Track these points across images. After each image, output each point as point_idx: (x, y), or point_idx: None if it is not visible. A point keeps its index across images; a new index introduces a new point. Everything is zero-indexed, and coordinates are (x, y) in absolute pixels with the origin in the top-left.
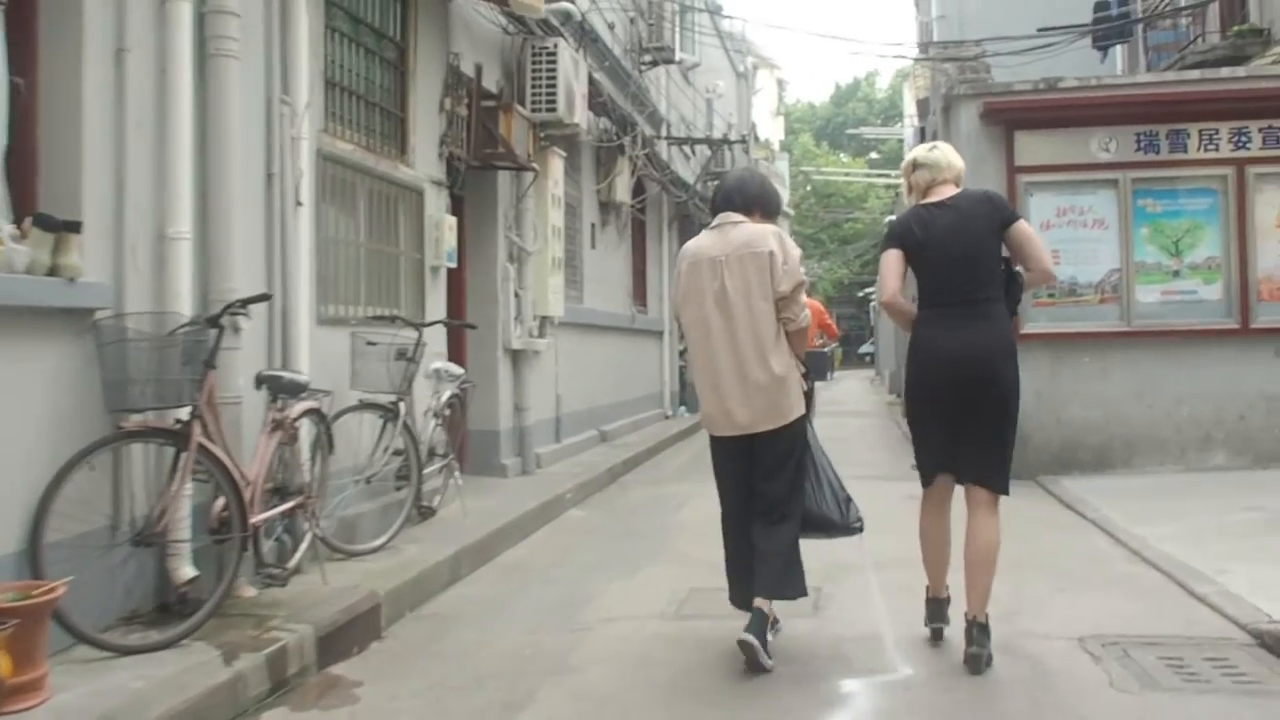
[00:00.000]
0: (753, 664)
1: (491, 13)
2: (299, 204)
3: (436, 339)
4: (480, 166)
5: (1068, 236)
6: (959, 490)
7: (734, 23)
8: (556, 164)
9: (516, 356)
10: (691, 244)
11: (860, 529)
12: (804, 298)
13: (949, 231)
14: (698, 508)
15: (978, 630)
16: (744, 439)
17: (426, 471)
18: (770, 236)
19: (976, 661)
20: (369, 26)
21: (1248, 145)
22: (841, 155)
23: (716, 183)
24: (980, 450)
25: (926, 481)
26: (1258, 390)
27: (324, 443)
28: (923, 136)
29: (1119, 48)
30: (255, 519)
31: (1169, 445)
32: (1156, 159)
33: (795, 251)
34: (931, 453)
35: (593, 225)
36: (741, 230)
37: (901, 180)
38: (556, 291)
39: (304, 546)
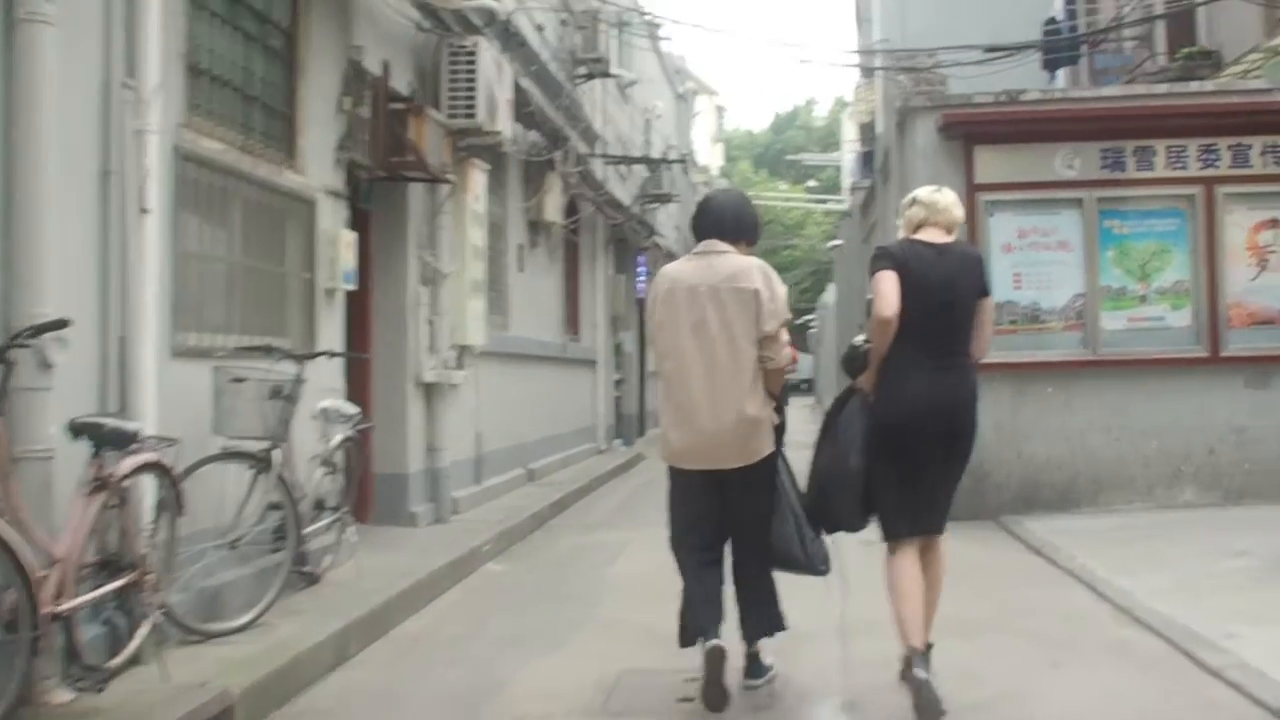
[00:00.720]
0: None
1: (400, 3)
2: (144, 210)
3: (330, 373)
4: (388, 177)
5: (1030, 260)
6: None
7: (673, 37)
8: (477, 177)
9: (430, 390)
10: (671, 269)
11: (825, 571)
12: (785, 336)
13: (942, 278)
14: (633, 560)
15: (920, 658)
16: (708, 474)
17: (314, 528)
18: (756, 273)
19: (924, 690)
20: (247, 7)
21: (1216, 164)
22: (780, 184)
23: (700, 202)
24: (942, 498)
25: (897, 538)
26: (1227, 422)
27: (171, 503)
28: (867, 162)
29: (1063, 71)
30: (63, 606)
31: (1136, 481)
32: (1123, 177)
33: (781, 289)
34: (906, 510)
35: (520, 247)
36: (727, 261)
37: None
38: (477, 318)
39: (142, 632)
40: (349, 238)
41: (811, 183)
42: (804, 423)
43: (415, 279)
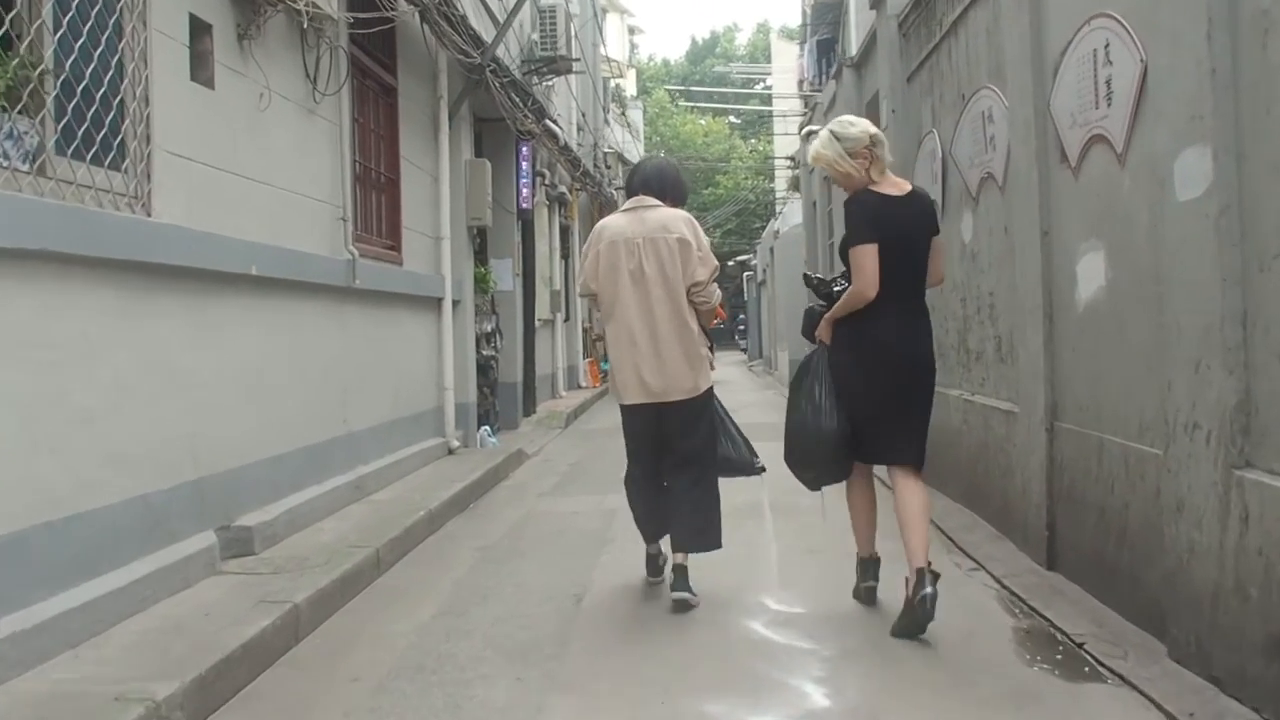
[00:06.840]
0: (682, 607)
1: None
2: None
3: None
4: None
5: None
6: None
7: None
8: None
9: None
10: (609, 222)
11: (761, 470)
12: (715, 284)
13: (907, 231)
14: None
15: (929, 575)
16: (656, 405)
17: None
18: (683, 223)
19: (926, 602)
20: None
21: None
22: (700, 120)
23: (635, 164)
24: (916, 434)
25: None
26: None
27: None
28: (824, 51)
29: None
30: None
31: None
32: None
33: (705, 239)
34: (873, 443)
35: (203, 26)
36: (657, 214)
37: (845, 150)
38: None
39: None
40: None
41: (733, 119)
42: (751, 385)
43: None
